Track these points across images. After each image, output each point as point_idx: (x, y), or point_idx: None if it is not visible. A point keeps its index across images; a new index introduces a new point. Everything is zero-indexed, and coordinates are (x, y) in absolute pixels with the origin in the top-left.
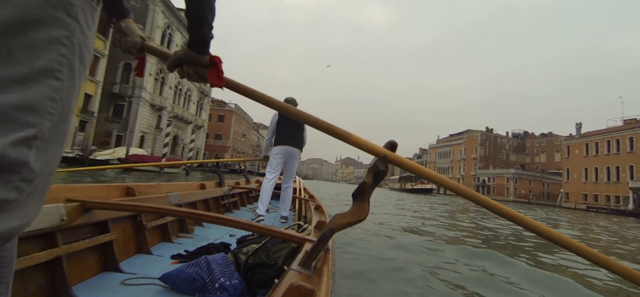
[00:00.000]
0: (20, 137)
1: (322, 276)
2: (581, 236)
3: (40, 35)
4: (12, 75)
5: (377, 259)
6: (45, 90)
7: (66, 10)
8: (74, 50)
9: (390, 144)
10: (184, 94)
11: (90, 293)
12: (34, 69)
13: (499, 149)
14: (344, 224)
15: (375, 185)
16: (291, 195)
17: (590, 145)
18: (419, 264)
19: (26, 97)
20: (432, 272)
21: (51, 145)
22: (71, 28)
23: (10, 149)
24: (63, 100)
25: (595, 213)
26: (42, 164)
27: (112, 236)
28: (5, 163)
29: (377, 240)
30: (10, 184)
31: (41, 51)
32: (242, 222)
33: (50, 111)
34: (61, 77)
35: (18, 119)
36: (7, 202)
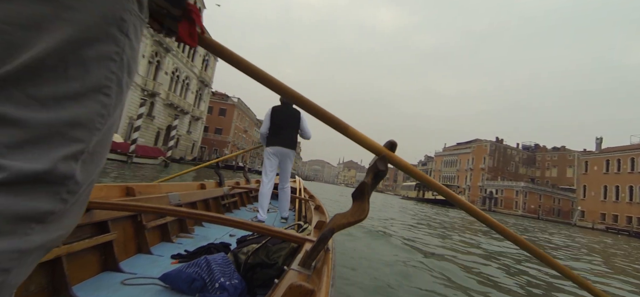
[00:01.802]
0: (69, 153)
1: (322, 275)
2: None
3: (93, 52)
4: (66, 92)
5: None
6: (95, 106)
7: (119, 27)
8: (123, 66)
9: (390, 143)
10: (182, 82)
11: (90, 293)
12: (86, 85)
13: (508, 160)
14: (344, 224)
15: (375, 185)
16: (289, 195)
17: (611, 161)
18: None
19: (77, 113)
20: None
21: (96, 157)
22: (122, 44)
23: (61, 163)
24: (110, 116)
25: (614, 234)
26: (86, 176)
27: (112, 235)
28: (55, 177)
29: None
30: (57, 196)
31: (93, 68)
32: (242, 222)
33: (98, 126)
34: (110, 93)
35: (69, 134)
36: (52, 213)
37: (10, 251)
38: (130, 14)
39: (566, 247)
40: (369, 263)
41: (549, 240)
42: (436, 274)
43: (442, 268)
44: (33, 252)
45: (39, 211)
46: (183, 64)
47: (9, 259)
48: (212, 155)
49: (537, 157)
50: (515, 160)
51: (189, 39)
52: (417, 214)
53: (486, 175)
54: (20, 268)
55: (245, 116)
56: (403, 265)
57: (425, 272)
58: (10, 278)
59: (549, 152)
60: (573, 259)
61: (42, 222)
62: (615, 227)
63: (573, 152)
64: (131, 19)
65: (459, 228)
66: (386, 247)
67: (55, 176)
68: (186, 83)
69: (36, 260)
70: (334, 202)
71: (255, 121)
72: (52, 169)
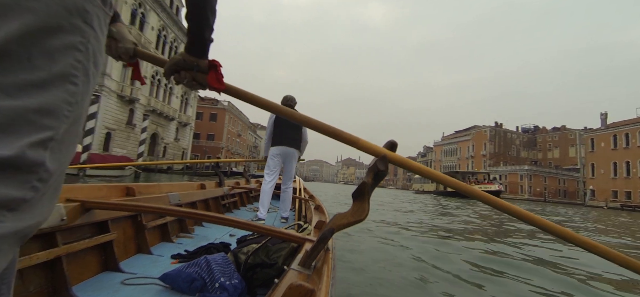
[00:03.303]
0: (38, 139)
1: (322, 275)
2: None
3: (58, 42)
4: (31, 80)
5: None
6: (61, 94)
7: (82, 17)
8: (88, 56)
9: (390, 143)
10: (164, 87)
11: (90, 293)
12: (52, 74)
13: (509, 145)
14: (344, 224)
15: (376, 185)
16: (291, 195)
17: (619, 136)
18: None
19: (44, 101)
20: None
21: (65, 146)
22: (86, 34)
23: (29, 150)
24: (78, 104)
25: (631, 211)
26: (56, 164)
27: (112, 235)
28: (23, 164)
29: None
30: (27, 183)
31: (58, 57)
32: (242, 222)
33: (66, 114)
34: (77, 81)
35: (36, 121)
36: (24, 200)
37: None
38: (92, 5)
39: (604, 230)
40: (370, 263)
41: (582, 224)
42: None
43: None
44: (7, 238)
45: (9, 198)
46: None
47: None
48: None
49: (537, 139)
50: (516, 144)
51: (217, 85)
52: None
53: (488, 161)
54: (3, 254)
55: (238, 120)
56: (404, 265)
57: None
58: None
59: (549, 133)
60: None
61: (14, 209)
62: (630, 204)
63: (574, 131)
64: (94, 10)
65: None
66: (386, 247)
67: (24, 162)
68: (169, 88)
69: (12, 248)
70: (333, 202)
71: (248, 125)
72: (20, 155)
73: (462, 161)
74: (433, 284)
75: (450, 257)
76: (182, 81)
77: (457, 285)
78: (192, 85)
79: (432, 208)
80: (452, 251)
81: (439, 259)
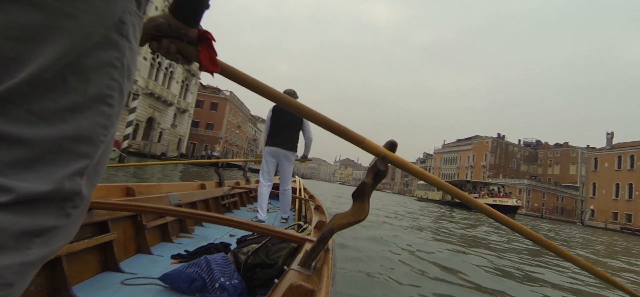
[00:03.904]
0: (75, 169)
1: (322, 275)
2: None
3: (92, 60)
4: (66, 105)
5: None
6: (97, 118)
7: (118, 30)
8: (123, 71)
9: (390, 143)
10: (164, 70)
11: (90, 293)
12: (87, 96)
13: (510, 157)
14: (344, 224)
15: (375, 185)
16: (290, 197)
17: (624, 157)
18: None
19: (80, 127)
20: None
21: (99, 168)
22: (122, 48)
23: (66, 181)
24: (113, 126)
25: (631, 235)
26: (90, 188)
27: (112, 235)
28: (61, 195)
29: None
30: (62, 211)
31: (93, 77)
32: (242, 222)
33: (102, 139)
34: (112, 102)
35: (74, 150)
36: (57, 228)
37: (13, 265)
38: (129, 14)
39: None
40: (370, 263)
41: (584, 243)
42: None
43: (447, 268)
44: (35, 264)
45: (42, 227)
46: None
47: (13, 273)
48: (202, 152)
49: (539, 154)
50: (517, 157)
51: (211, 65)
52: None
53: (487, 172)
54: (22, 281)
55: (239, 111)
56: (406, 264)
57: (430, 272)
58: (13, 291)
59: (551, 148)
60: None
61: (44, 236)
62: (630, 227)
63: (576, 149)
64: (130, 19)
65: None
66: (387, 246)
67: (62, 194)
68: (170, 72)
69: (35, 271)
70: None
71: (249, 117)
72: (59, 189)
73: (462, 170)
74: (433, 285)
75: (452, 261)
76: (161, 51)
77: (458, 285)
78: (176, 58)
79: (454, 230)
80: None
81: (441, 260)
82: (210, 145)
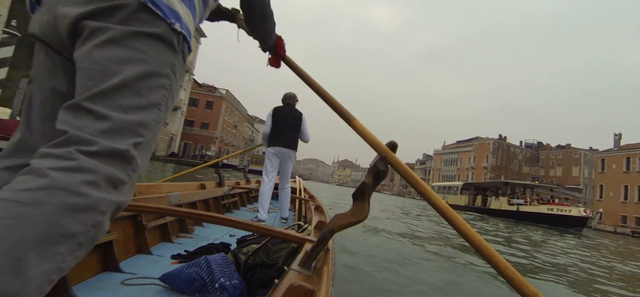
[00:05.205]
0: (136, 141)
1: (322, 276)
2: None
3: (156, 82)
4: (138, 104)
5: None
6: (153, 115)
7: (171, 68)
8: (170, 94)
9: (391, 143)
10: None
11: (90, 293)
12: (150, 101)
13: (512, 159)
14: (344, 224)
15: (376, 185)
16: (289, 196)
17: (632, 159)
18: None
19: (143, 118)
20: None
21: (146, 151)
22: (172, 79)
23: (131, 148)
24: (159, 124)
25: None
26: (141, 162)
27: (112, 236)
28: (128, 156)
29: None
30: (126, 170)
31: (155, 91)
32: (242, 222)
33: (153, 129)
34: (161, 109)
35: (137, 130)
36: (123, 182)
37: (107, 200)
38: (178, 62)
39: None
40: (370, 263)
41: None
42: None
43: (448, 266)
44: (116, 205)
45: (117, 178)
46: None
47: (106, 205)
48: (198, 152)
49: (541, 156)
50: (519, 158)
51: (275, 64)
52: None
53: (489, 174)
54: (108, 215)
55: (235, 110)
56: (405, 265)
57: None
58: (105, 221)
59: (553, 150)
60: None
61: (117, 188)
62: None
63: (579, 150)
64: (178, 65)
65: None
66: (387, 247)
67: (128, 155)
68: None
69: (111, 215)
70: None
71: (245, 116)
72: (127, 150)
73: (462, 172)
74: (434, 285)
75: (454, 261)
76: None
77: (459, 286)
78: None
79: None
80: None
81: (442, 260)
82: (205, 146)
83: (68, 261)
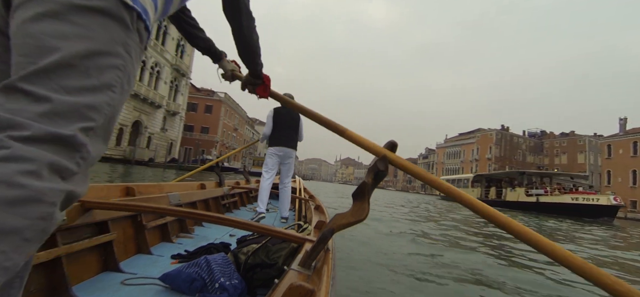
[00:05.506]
0: (85, 126)
1: (322, 275)
2: None
3: (106, 61)
4: (86, 85)
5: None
6: (104, 97)
7: (124, 47)
8: (125, 75)
9: (390, 144)
10: (150, 70)
11: (90, 293)
12: (100, 82)
13: (515, 149)
14: (344, 224)
15: (376, 185)
16: (290, 194)
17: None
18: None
19: (92, 100)
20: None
21: (100, 138)
22: (126, 60)
23: (79, 133)
24: (114, 107)
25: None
26: (93, 150)
27: (112, 236)
28: (75, 142)
29: None
30: (74, 159)
31: (106, 72)
32: (242, 222)
33: (105, 112)
34: (115, 91)
35: (86, 114)
36: (71, 171)
37: (54, 188)
38: (132, 41)
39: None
40: (370, 263)
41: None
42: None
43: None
44: (66, 194)
45: (62, 166)
46: (150, 47)
47: (55, 195)
48: (199, 157)
49: (544, 144)
50: (522, 148)
51: (263, 93)
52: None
53: (493, 165)
54: (57, 210)
55: (234, 113)
56: (405, 265)
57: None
58: (57, 213)
59: (557, 138)
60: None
61: (65, 179)
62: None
63: (583, 137)
64: (133, 45)
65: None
66: (387, 247)
67: (75, 141)
68: (156, 71)
69: (61, 206)
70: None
71: (246, 119)
72: (73, 135)
73: (466, 164)
74: (434, 285)
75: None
76: (249, 90)
77: (460, 286)
78: (252, 91)
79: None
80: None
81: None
82: (206, 150)
83: (14, 259)
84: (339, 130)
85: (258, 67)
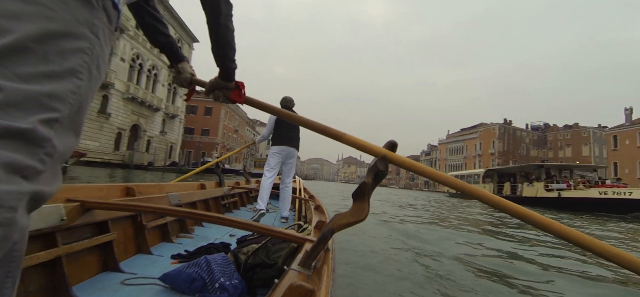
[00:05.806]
0: (46, 118)
1: (322, 275)
2: None
3: (69, 45)
4: (45, 72)
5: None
6: (68, 85)
7: (90, 28)
8: (93, 59)
9: (390, 144)
10: (147, 73)
11: (90, 293)
12: (63, 68)
13: (519, 143)
14: (344, 224)
15: (376, 185)
16: (290, 194)
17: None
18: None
19: (54, 88)
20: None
21: (67, 131)
22: (92, 42)
23: (39, 125)
24: (81, 96)
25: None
26: (60, 145)
27: (112, 236)
28: (35, 137)
29: None
30: (36, 155)
31: (69, 56)
32: (242, 222)
33: (71, 102)
34: (82, 77)
35: (47, 104)
36: (35, 170)
37: (11, 191)
38: (99, 21)
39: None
40: (370, 263)
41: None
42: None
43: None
44: (30, 196)
45: (22, 165)
46: (146, 50)
47: (13, 198)
48: (199, 159)
49: (548, 137)
50: (526, 142)
51: (238, 98)
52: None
53: (497, 160)
54: (23, 209)
55: (235, 115)
56: (406, 265)
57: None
58: (18, 217)
59: (560, 131)
60: None
61: (28, 178)
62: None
63: (588, 129)
64: (100, 25)
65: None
66: (387, 247)
67: (35, 136)
68: (153, 74)
69: (27, 210)
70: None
71: (246, 120)
72: (31, 129)
73: (469, 160)
74: (435, 285)
75: (456, 258)
76: (216, 98)
77: (460, 286)
78: (224, 100)
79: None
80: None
81: (443, 260)
82: (207, 152)
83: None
84: (337, 136)
85: (232, 64)
